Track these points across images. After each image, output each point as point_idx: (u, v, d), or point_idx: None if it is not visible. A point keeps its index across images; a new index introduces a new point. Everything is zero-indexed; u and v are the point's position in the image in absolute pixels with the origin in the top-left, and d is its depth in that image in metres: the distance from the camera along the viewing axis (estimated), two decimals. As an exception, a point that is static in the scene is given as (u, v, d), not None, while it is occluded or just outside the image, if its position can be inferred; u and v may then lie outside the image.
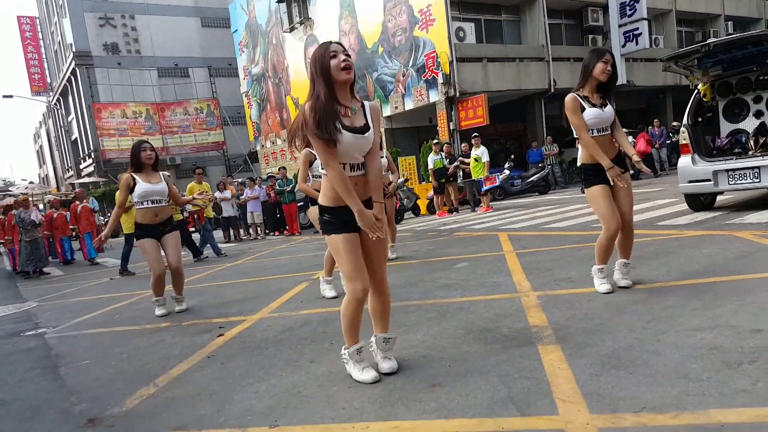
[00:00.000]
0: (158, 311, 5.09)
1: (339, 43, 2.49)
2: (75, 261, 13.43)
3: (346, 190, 2.43)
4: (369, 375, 2.60)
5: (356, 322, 2.64)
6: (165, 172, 5.07)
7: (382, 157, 5.84)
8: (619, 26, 18.45)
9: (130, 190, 4.81)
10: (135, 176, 4.81)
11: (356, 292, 2.53)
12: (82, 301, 6.73)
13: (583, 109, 3.52)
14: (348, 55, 2.44)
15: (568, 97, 3.59)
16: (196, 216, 10.32)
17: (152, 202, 4.83)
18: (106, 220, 18.76)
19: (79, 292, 7.80)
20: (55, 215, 12.95)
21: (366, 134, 2.47)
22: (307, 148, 4.65)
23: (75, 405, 2.90)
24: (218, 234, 13.77)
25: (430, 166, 12.19)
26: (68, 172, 41.56)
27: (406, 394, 2.41)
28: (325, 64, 2.40)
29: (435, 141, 12.69)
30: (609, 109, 3.56)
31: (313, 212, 4.90)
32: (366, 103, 2.58)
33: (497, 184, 12.30)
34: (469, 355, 2.79)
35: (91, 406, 2.83)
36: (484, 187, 11.75)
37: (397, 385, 2.53)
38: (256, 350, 3.42)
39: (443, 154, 12.32)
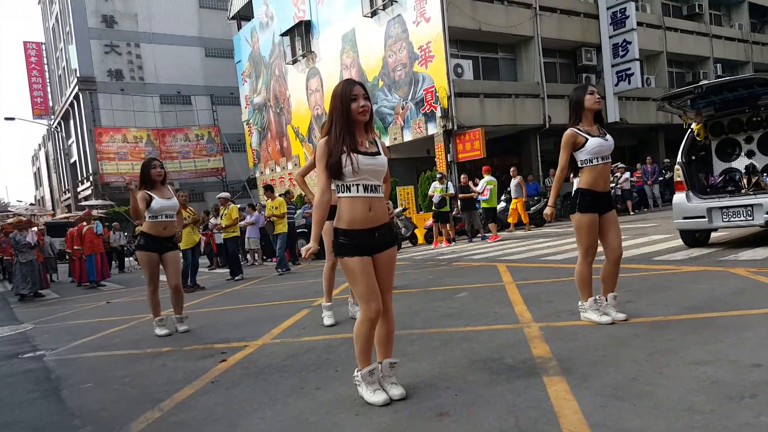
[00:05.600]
0: (159, 331, 5.09)
1: (361, 85, 2.69)
2: (98, 284, 12.33)
3: (319, 219, 2.72)
4: (380, 397, 2.67)
5: (369, 344, 2.73)
6: (173, 186, 5.09)
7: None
8: (612, 66, 19.02)
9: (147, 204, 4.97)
10: (150, 193, 4.96)
11: (370, 312, 2.63)
12: (80, 324, 6.68)
13: (585, 141, 3.67)
14: (368, 99, 2.67)
15: (567, 131, 3.74)
16: (208, 240, 10.02)
17: (165, 216, 5.02)
18: (125, 238, 18.23)
19: (76, 315, 7.74)
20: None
21: (377, 157, 2.69)
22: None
23: (79, 428, 2.88)
24: (204, 260, 13.78)
25: (430, 192, 12.43)
26: (65, 194, 41.50)
27: (414, 423, 2.43)
28: (345, 106, 2.62)
29: (439, 176, 12.69)
30: (610, 138, 3.79)
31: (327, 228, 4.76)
32: (378, 140, 2.81)
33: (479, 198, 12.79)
34: (475, 385, 2.82)
35: (95, 429, 2.82)
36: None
37: (404, 413, 2.55)
38: (260, 376, 3.42)
39: (448, 183, 12.48)
